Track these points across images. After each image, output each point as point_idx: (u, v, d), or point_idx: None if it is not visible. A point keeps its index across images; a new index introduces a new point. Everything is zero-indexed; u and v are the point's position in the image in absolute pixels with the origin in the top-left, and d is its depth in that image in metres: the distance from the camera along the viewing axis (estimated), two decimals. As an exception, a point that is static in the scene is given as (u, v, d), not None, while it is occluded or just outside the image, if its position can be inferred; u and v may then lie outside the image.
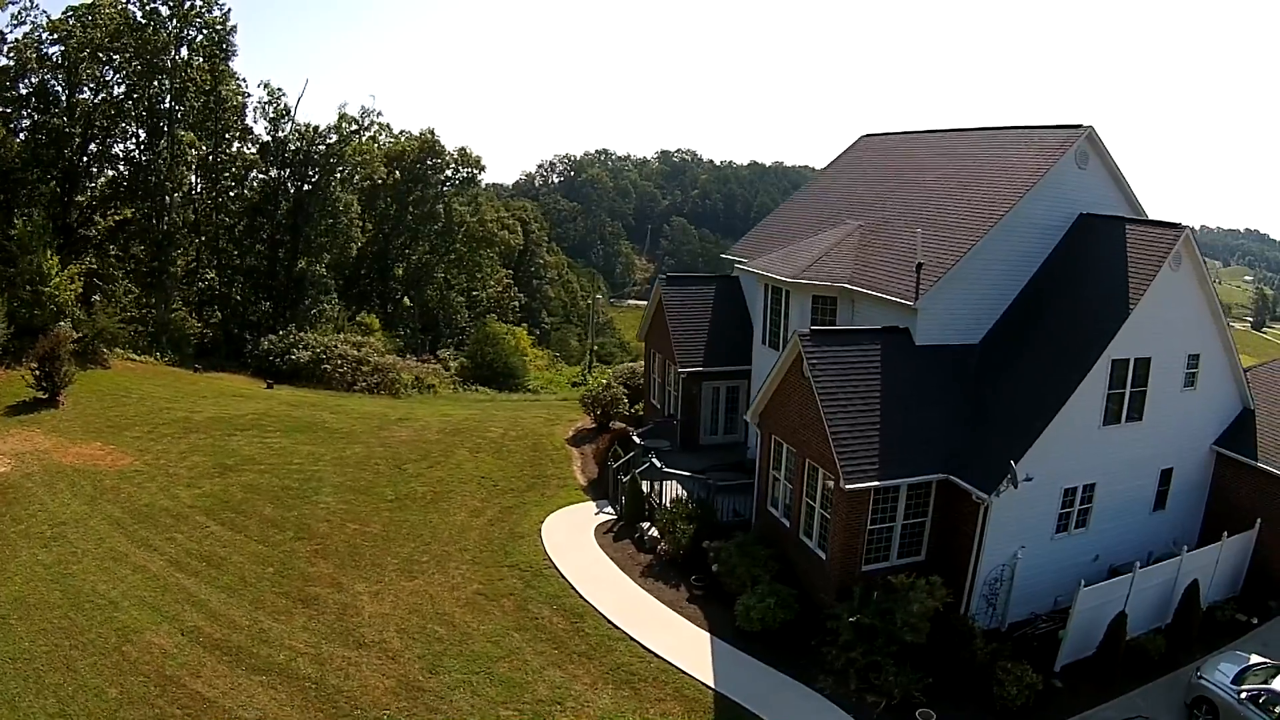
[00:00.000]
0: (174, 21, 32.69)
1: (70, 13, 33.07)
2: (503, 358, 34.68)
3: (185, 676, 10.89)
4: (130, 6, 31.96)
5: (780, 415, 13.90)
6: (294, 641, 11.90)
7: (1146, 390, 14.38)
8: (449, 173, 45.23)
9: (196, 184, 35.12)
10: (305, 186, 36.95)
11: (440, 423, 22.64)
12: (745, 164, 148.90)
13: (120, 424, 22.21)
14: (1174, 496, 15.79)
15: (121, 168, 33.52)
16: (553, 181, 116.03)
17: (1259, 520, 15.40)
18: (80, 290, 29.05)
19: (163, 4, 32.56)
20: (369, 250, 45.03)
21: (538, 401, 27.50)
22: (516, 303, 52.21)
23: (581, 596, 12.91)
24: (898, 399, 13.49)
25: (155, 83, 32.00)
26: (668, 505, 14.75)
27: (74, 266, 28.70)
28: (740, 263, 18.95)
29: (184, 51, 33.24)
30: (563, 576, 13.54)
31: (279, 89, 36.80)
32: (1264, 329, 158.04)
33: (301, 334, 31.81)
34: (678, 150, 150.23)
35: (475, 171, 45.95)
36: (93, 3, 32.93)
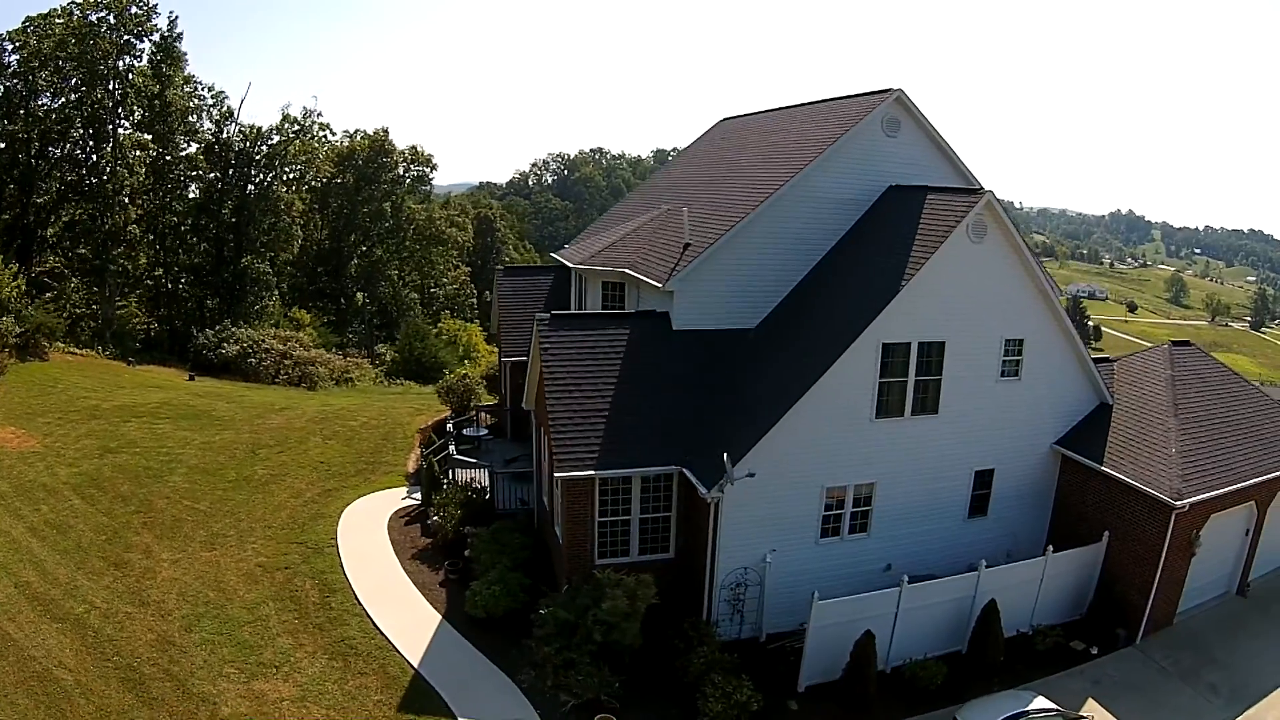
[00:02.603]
0: (118, 31, 34.50)
1: (29, 23, 35.24)
2: (431, 352, 35.88)
3: (3, 620, 12.37)
4: (74, 16, 33.79)
5: (539, 402, 14.06)
6: (94, 598, 13.25)
7: (941, 379, 12.90)
8: (400, 171, 46.58)
9: (144, 184, 36.94)
10: (249, 186, 38.62)
11: (316, 412, 23.80)
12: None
13: (38, 411, 23.79)
14: (999, 502, 14.20)
15: (70, 170, 35.50)
16: (546, 180, 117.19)
17: (1106, 533, 13.84)
18: (24, 287, 31.03)
19: (110, 14, 34.43)
20: (324, 247, 46.71)
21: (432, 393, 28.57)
22: (475, 299, 53.42)
23: (344, 574, 13.73)
24: (643, 387, 12.95)
25: (99, 90, 33.86)
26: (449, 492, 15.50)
27: (14, 266, 30.67)
28: (561, 249, 19.14)
29: (126, 59, 34.99)
30: (338, 555, 14.42)
31: (222, 92, 38.55)
32: (1263, 329, 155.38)
33: (234, 329, 33.44)
34: (673, 148, 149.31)
35: (426, 170, 47.22)
36: (47, 13, 35.06)
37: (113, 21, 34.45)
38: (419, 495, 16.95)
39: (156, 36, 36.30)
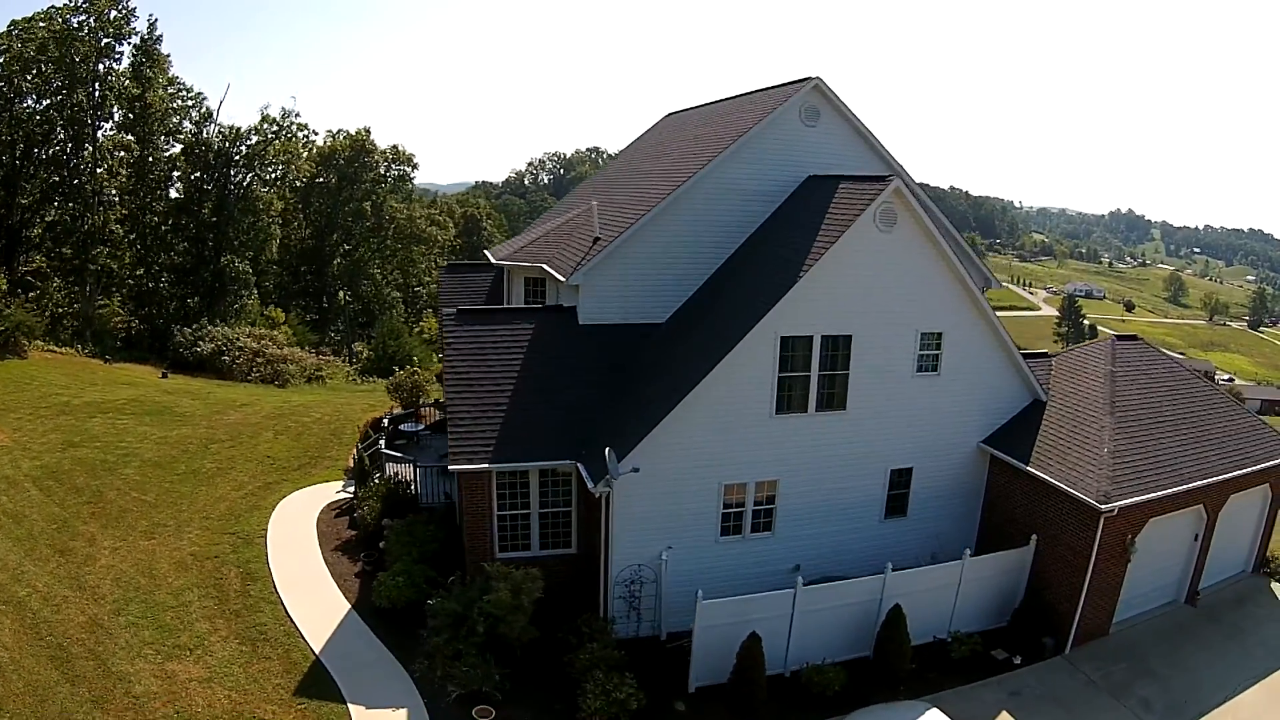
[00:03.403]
0: (98, 35, 35.23)
1: (14, 26, 36.10)
2: (405, 350, 36.55)
3: (-47, 603, 13.01)
4: (56, 21, 34.59)
5: (455, 398, 14.23)
6: (37, 582, 13.90)
7: (848, 374, 12.63)
8: (381, 170, 47.27)
9: (126, 184, 37.75)
10: (228, 186, 39.40)
11: (274, 408, 24.49)
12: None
13: (10, 407, 24.57)
14: (920, 503, 13.80)
15: (53, 171, 36.35)
16: (542, 180, 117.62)
17: (1034, 537, 13.23)
18: (4, 286, 31.92)
19: (89, 18, 35.20)
20: (308, 246, 47.47)
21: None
22: (457, 298, 54.04)
23: (268, 563, 14.31)
24: (545, 381, 12.97)
25: (79, 92, 34.64)
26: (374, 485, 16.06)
27: (-7, 265, 31.73)
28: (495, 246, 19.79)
29: (105, 62, 35.73)
30: (266, 545, 15.00)
31: (200, 93, 39.37)
32: (1260, 328, 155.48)
33: (211, 328, 34.23)
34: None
35: (407, 169, 47.90)
36: (31, 16, 35.91)
37: (92, 25, 35.24)
38: (354, 489, 17.56)
39: (136, 39, 37.13)
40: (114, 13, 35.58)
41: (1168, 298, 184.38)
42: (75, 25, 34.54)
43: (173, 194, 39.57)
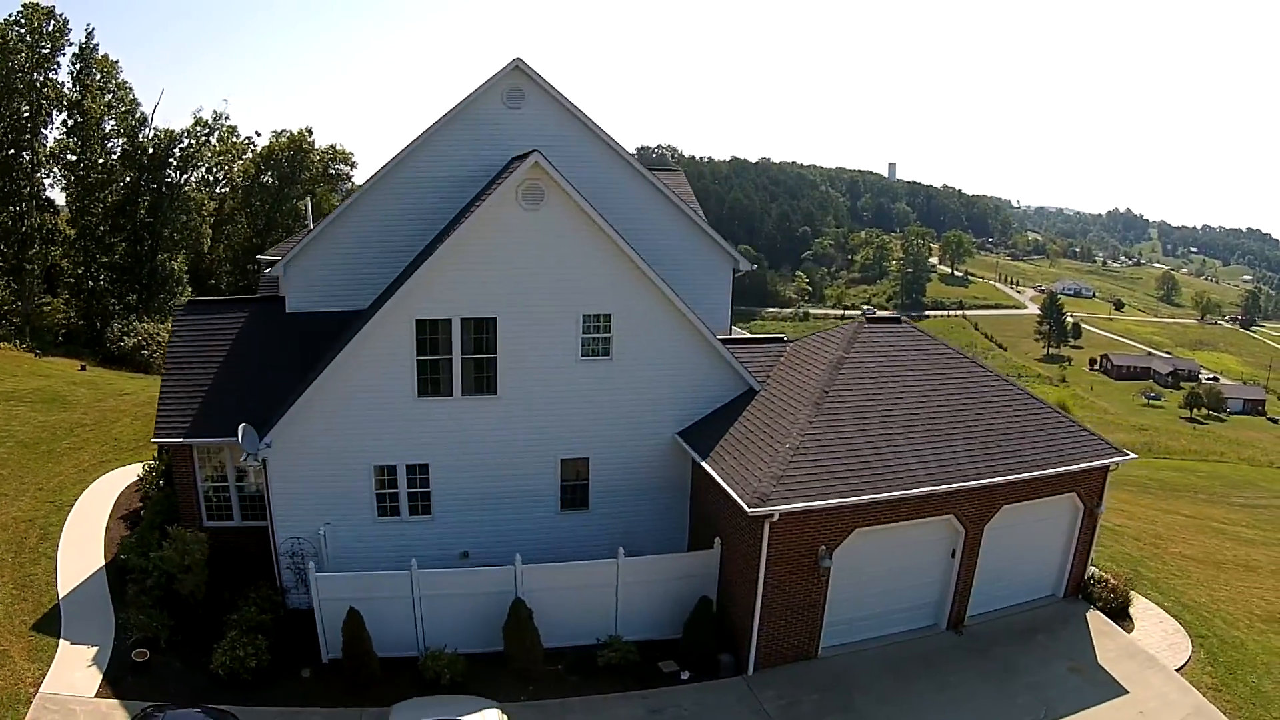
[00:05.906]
0: (35, 48, 37.71)
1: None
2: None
3: None
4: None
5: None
6: None
7: (496, 358, 12.44)
8: (319, 169, 49.64)
9: (69, 187, 40.61)
10: (163, 188, 42.09)
11: (151, 397, 26.76)
12: (726, 159, 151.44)
13: (-71, 395, 27.48)
14: (605, 495, 13.27)
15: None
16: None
17: (717, 540, 12.23)
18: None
19: (26, 32, 37.80)
20: (252, 244, 50.14)
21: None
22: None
23: (63, 527, 16.61)
24: (248, 366, 13.94)
25: (18, 100, 37.24)
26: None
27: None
28: None
29: (43, 73, 38.34)
30: (70, 512, 17.32)
31: (135, 99, 41.85)
32: (1252, 328, 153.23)
33: (138, 324, 37.03)
34: (657, 146, 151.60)
35: (346, 168, 50.28)
36: (-19, 30, 38.57)
37: (30, 39, 37.87)
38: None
39: (74, 49, 39.69)
40: (50, 25, 38.18)
41: (1160, 297, 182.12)
42: (12, 39, 37.14)
43: (112, 195, 42.28)
